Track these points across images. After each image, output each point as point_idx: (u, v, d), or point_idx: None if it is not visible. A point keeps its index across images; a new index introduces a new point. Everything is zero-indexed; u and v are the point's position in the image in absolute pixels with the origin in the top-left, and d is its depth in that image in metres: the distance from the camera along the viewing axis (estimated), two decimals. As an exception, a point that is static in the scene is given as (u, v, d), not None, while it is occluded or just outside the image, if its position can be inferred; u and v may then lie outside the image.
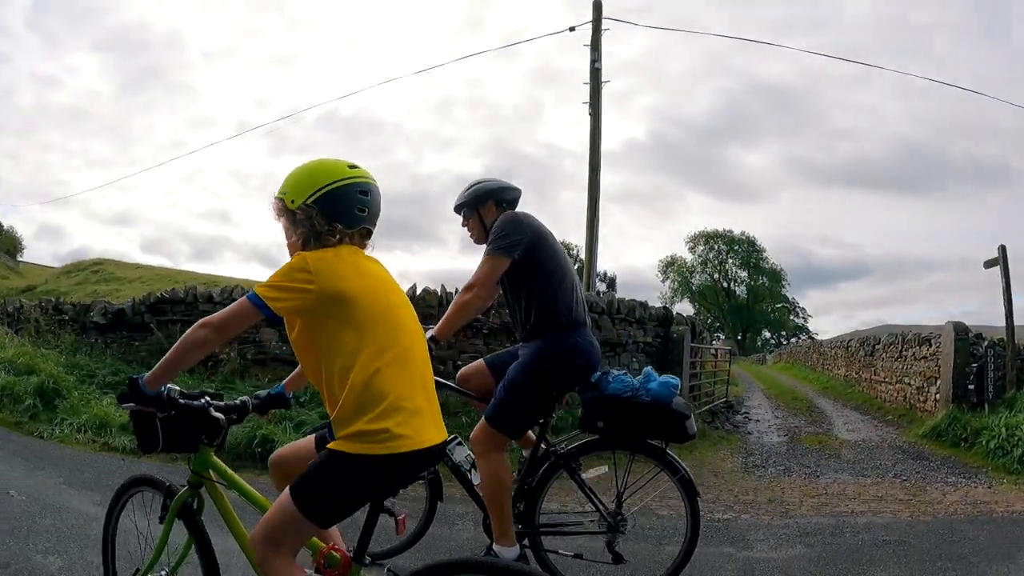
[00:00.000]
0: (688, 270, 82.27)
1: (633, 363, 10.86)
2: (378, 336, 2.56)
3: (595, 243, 17.15)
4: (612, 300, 10.92)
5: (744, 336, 79.44)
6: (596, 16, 17.47)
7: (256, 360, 11.03)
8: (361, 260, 2.73)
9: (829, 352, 26.23)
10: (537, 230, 4.43)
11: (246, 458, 7.98)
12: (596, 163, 17.46)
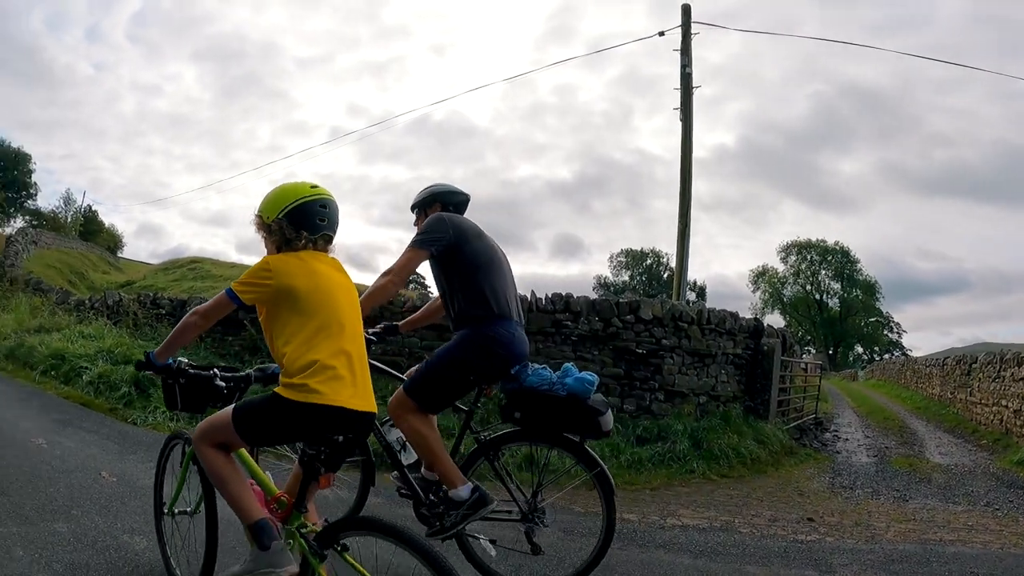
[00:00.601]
0: (780, 281, 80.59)
1: (721, 375, 10.80)
2: (315, 320, 3.25)
3: (686, 252, 16.89)
4: (702, 310, 10.74)
5: (836, 351, 77.52)
6: (685, 20, 17.29)
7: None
8: (315, 262, 3.41)
9: (923, 370, 25.28)
10: (462, 230, 4.67)
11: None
12: (687, 170, 17.25)
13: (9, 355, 13.24)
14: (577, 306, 10.10)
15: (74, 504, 5.51)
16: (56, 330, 14.40)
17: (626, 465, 8.39)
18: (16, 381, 11.38)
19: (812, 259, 78.79)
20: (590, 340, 10.02)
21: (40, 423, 8.40)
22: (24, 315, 16.34)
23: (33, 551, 4.48)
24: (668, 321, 10.10)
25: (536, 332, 10.00)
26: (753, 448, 9.67)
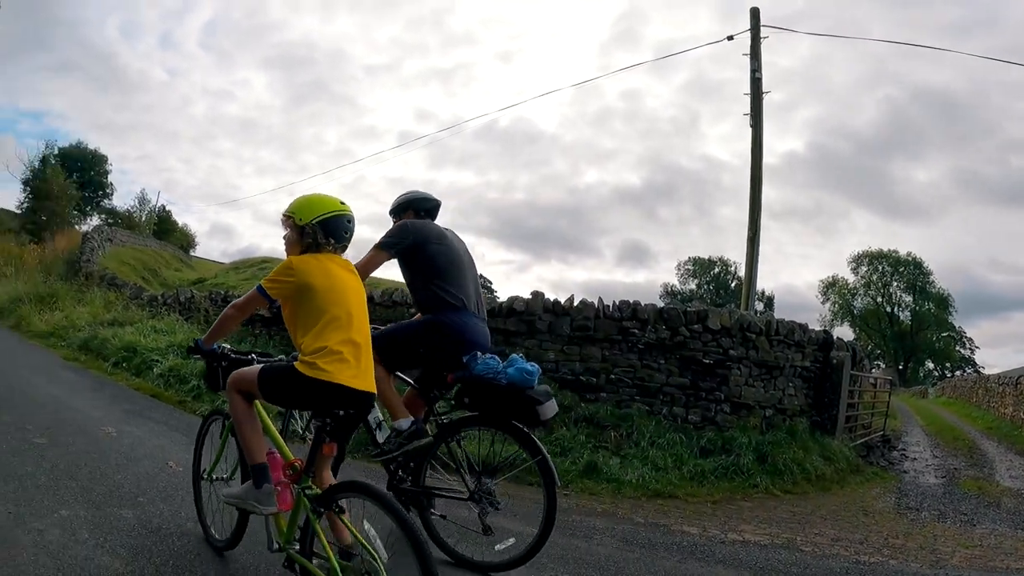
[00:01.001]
0: (850, 292, 79.08)
1: (789, 388, 10.63)
2: (328, 313, 3.80)
3: (755, 261, 16.60)
4: (770, 321, 10.59)
5: (906, 366, 75.43)
6: (754, 24, 16.94)
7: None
8: (331, 264, 3.98)
9: (996, 389, 24.48)
10: (424, 235, 5.32)
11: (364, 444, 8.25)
12: (757, 177, 16.95)
13: (83, 346, 13.57)
14: (644, 314, 10.03)
15: (140, 492, 5.70)
16: (129, 324, 14.81)
17: (688, 477, 8.30)
18: (89, 372, 11.68)
19: (883, 270, 76.92)
20: (656, 349, 9.94)
21: (111, 413, 8.65)
22: (98, 309, 16.77)
23: (98, 535, 4.66)
24: (736, 331, 9.99)
25: (603, 339, 10.02)
26: (818, 464, 9.49)
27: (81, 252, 28.20)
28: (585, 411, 9.43)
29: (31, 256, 25.38)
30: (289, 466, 3.97)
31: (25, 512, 4.86)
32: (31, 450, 6.42)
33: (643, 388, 9.80)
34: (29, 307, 17.03)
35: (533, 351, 10.24)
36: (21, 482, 5.47)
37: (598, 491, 7.68)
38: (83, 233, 36.86)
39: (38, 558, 4.15)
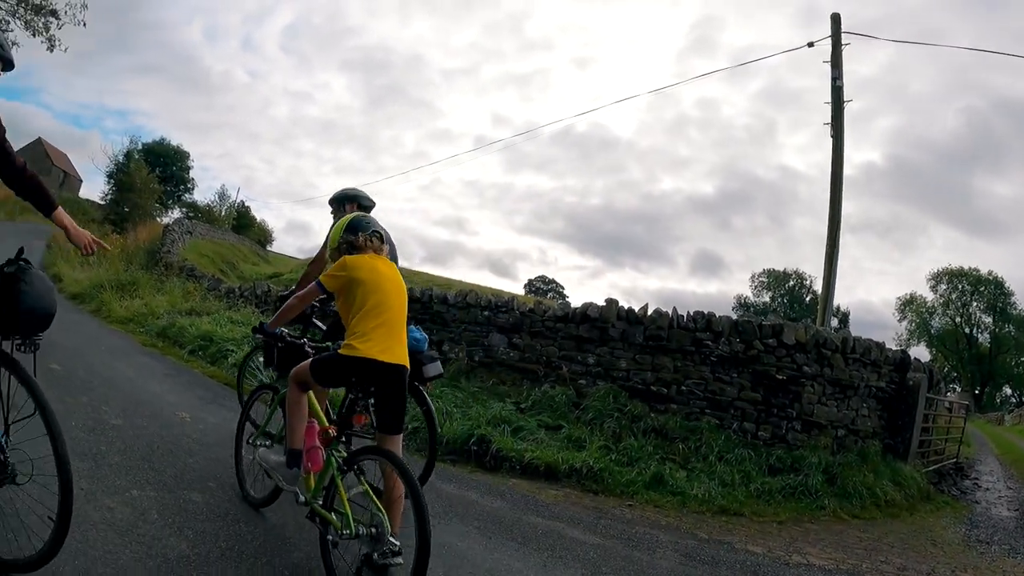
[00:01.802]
0: (927, 311, 76.88)
1: (862, 408, 10.36)
2: (369, 302, 4.45)
3: (833, 275, 16.19)
4: (846, 338, 10.27)
5: (982, 391, 72.31)
6: (835, 30, 16.53)
7: (483, 362, 11.33)
8: (377, 262, 4.67)
9: (1078, 419, 23.77)
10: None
11: (460, 454, 8.28)
12: (838, 189, 16.55)
13: (161, 334, 13.87)
14: (719, 326, 9.87)
15: (210, 477, 5.83)
16: (206, 314, 15.22)
17: (755, 494, 8.13)
18: (166, 358, 11.93)
19: (963, 289, 74.24)
20: (729, 362, 9.76)
21: (185, 398, 8.85)
22: (177, 298, 17.18)
23: (167, 516, 4.81)
24: (811, 347, 9.73)
25: (675, 350, 9.91)
26: (888, 489, 9.20)
27: (162, 243, 28.94)
28: (654, 422, 9.31)
29: (114, 245, 25.89)
30: (323, 432, 4.61)
31: (97, 490, 4.99)
32: (107, 430, 6.57)
33: (714, 401, 9.63)
34: (110, 294, 17.40)
35: (605, 358, 10.21)
36: (95, 461, 5.61)
37: (663, 504, 7.61)
38: (164, 225, 37.77)
39: (107, 535, 4.26)
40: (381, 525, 4.01)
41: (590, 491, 7.70)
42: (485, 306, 11.68)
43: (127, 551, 4.11)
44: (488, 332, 11.48)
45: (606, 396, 9.69)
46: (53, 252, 25.55)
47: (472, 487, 7.26)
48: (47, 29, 18.18)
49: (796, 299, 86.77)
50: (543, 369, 10.69)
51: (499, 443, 8.33)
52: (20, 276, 3.58)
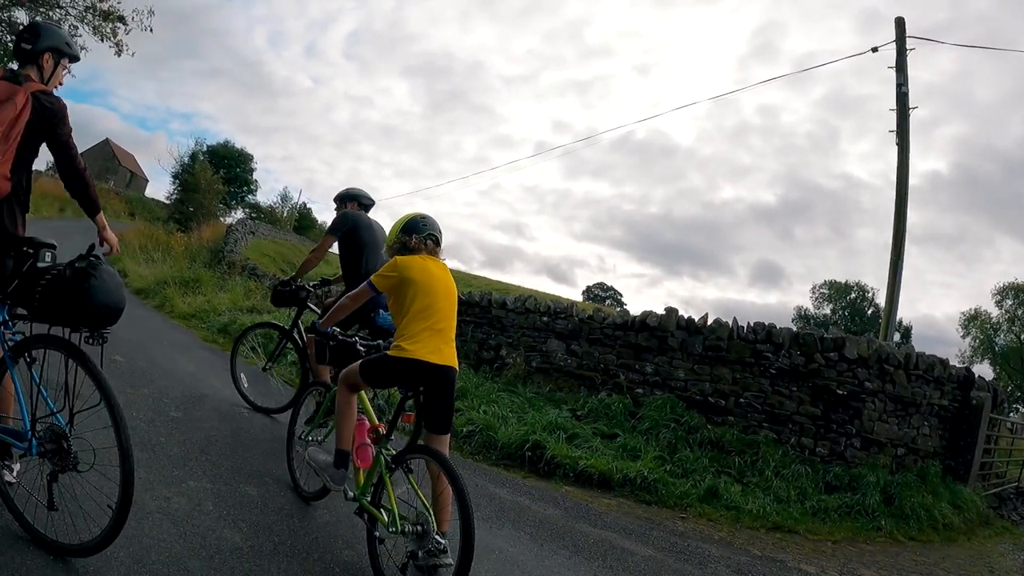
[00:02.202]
0: (992, 327, 74.99)
1: (923, 427, 10.12)
2: (419, 303, 4.57)
3: (897, 288, 15.82)
4: (909, 353, 10.04)
5: None
6: (899, 34, 16.09)
7: (540, 368, 11.32)
8: (429, 263, 4.77)
9: None
10: (355, 223, 7.60)
11: (515, 459, 8.26)
12: (903, 198, 16.11)
13: (222, 330, 14.11)
14: (779, 337, 9.73)
15: (266, 471, 5.92)
16: (267, 312, 15.23)
17: (811, 512, 7.99)
18: (226, 353, 11.98)
19: (1030, 305, 72.60)
20: (789, 375, 9.59)
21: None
22: (239, 296, 17.43)
23: (222, 508, 4.91)
24: (873, 363, 9.50)
25: (735, 361, 9.81)
26: (947, 512, 8.96)
27: (225, 242, 29.36)
28: (711, 434, 9.22)
29: (178, 243, 26.46)
30: (373, 430, 4.80)
31: (155, 480, 5.08)
32: (166, 422, 6.69)
33: (772, 415, 9.50)
34: (173, 290, 17.64)
35: (663, 368, 10.14)
36: (154, 451, 5.72)
37: (716, 517, 7.53)
38: (227, 225, 38.39)
39: (163, 524, 4.35)
40: (427, 523, 4.12)
41: (643, 501, 7.66)
42: (544, 312, 11.68)
43: (181, 541, 4.19)
44: (546, 338, 11.47)
45: (663, 406, 9.63)
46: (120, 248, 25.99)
47: (525, 493, 7.26)
48: (115, 35, 18.55)
49: (858, 312, 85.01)
50: (600, 377, 10.66)
51: (554, 450, 8.30)
52: (91, 271, 3.66)
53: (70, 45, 4.27)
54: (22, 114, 3.77)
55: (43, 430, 3.65)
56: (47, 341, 3.76)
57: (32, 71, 4.07)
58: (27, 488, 3.84)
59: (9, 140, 3.73)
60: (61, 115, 3.99)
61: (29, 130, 3.83)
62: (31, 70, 4.07)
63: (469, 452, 8.37)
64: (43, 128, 3.92)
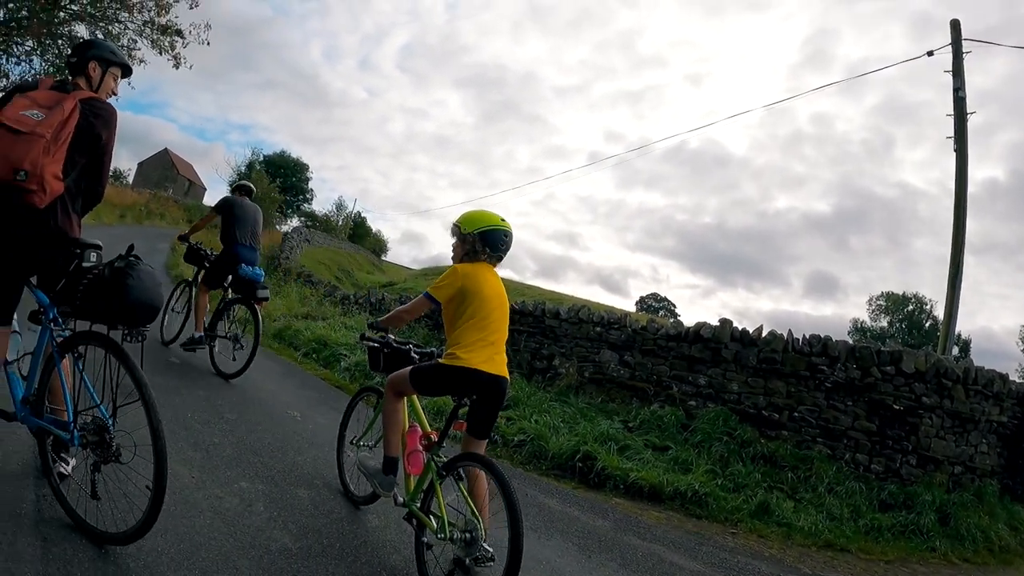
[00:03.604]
0: (1053, 341, 73.04)
1: (982, 444, 9.85)
2: (476, 313, 4.57)
3: (956, 300, 15.39)
4: (968, 368, 9.72)
5: None
6: (955, 37, 15.67)
7: (592, 379, 11.30)
8: (486, 272, 4.72)
9: None
10: (231, 203, 9.86)
11: (565, 469, 8.25)
12: (961, 207, 15.71)
13: (277, 335, 14.37)
14: (835, 350, 9.56)
15: (317, 475, 6.01)
16: (322, 319, 15.68)
17: (864, 531, 7.84)
18: (280, 358, 12.27)
19: (1093, 318, 70.82)
20: (844, 389, 9.40)
21: (297, 398, 9.13)
22: (294, 302, 17.71)
23: (273, 509, 4.99)
24: (931, 377, 9.25)
25: (789, 374, 9.70)
26: (1004, 534, 8.63)
27: (281, 250, 29.91)
28: (764, 448, 9.12)
29: None
30: (425, 437, 4.83)
31: (208, 479, 5.20)
32: (221, 424, 6.82)
33: (827, 430, 9.34)
34: (230, 296, 17.81)
35: (716, 380, 10.08)
36: (208, 452, 5.84)
37: (767, 534, 7.44)
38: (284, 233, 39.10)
39: (213, 523, 4.44)
40: (475, 530, 4.10)
41: (693, 515, 7.59)
42: (597, 322, 11.67)
43: (231, 540, 4.27)
44: (599, 348, 11.46)
45: (716, 419, 9.58)
46: (177, 254, 26.56)
47: (574, 503, 7.24)
48: (172, 48, 19.07)
49: (915, 324, 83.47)
50: (653, 388, 10.61)
51: (604, 461, 8.26)
52: (128, 271, 3.82)
53: (116, 53, 4.51)
54: (70, 118, 3.96)
55: (86, 422, 3.81)
56: (90, 337, 3.91)
57: (81, 81, 4.32)
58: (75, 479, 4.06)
59: (59, 142, 3.90)
60: (109, 120, 4.22)
61: (79, 133, 4.02)
62: (80, 80, 4.32)
63: (519, 461, 8.37)
64: (92, 131, 4.11)
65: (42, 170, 3.80)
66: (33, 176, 3.77)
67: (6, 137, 3.77)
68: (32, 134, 3.79)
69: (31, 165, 3.76)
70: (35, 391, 4.07)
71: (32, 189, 3.80)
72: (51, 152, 3.86)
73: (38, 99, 3.98)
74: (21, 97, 3.97)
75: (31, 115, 3.87)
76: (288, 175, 64.74)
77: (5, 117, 3.83)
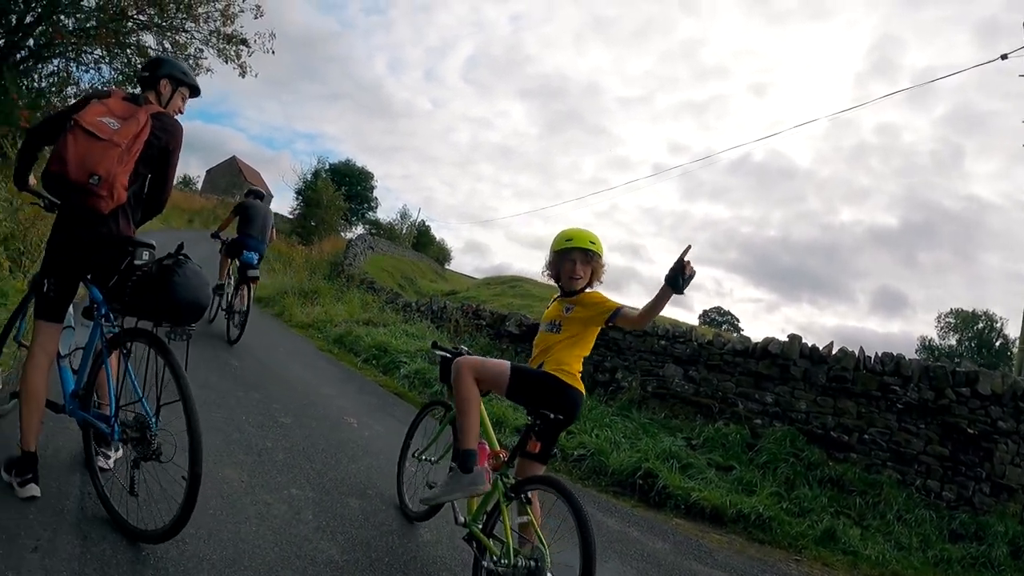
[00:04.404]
0: None
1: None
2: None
3: None
4: None
5: None
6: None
7: (656, 393, 11.08)
8: None
9: None
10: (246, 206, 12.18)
11: (625, 486, 8.05)
12: None
13: (337, 340, 14.45)
14: (908, 369, 9.15)
15: (370, 484, 5.90)
16: (383, 325, 15.73)
17: (932, 562, 7.45)
18: (340, 364, 12.29)
19: None
20: (916, 410, 8.99)
21: (355, 404, 9.07)
22: (356, 308, 17.73)
23: (322, 519, 4.88)
24: (1008, 400, 8.78)
25: (860, 394, 9.32)
26: None
27: (344, 256, 30.21)
28: (831, 471, 8.75)
29: (299, 256, 27.47)
30: (494, 455, 4.42)
31: (257, 484, 5.15)
32: (275, 428, 6.79)
33: (897, 453, 8.94)
34: (292, 299, 18.21)
35: (783, 398, 9.77)
36: (259, 456, 5.79)
37: (832, 562, 7.14)
38: (348, 240, 39.61)
39: (260, 530, 4.37)
40: (542, 559, 3.80)
41: (756, 540, 7.35)
42: (662, 335, 11.45)
43: (276, 548, 4.19)
44: (663, 362, 11.24)
45: (782, 439, 9.26)
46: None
47: (634, 523, 7.03)
48: (238, 56, 19.64)
49: (985, 343, 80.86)
50: (718, 405, 10.35)
51: (666, 479, 8.02)
52: (175, 268, 3.92)
53: (187, 74, 4.64)
54: (143, 131, 4.09)
55: (128, 419, 3.89)
56: (136, 334, 4.01)
57: (151, 95, 4.45)
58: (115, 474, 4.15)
59: (131, 153, 4.03)
60: (176, 136, 4.38)
61: (147, 147, 4.15)
62: (150, 95, 4.45)
63: (579, 477, 8.20)
64: (159, 145, 4.26)
65: (113, 178, 3.93)
66: (105, 182, 3.90)
67: (85, 141, 3.91)
68: (110, 142, 3.93)
69: (105, 171, 3.89)
70: (84, 385, 4.19)
71: (101, 194, 3.93)
72: (123, 161, 3.99)
73: (113, 108, 4.12)
74: (97, 104, 4.11)
75: (108, 123, 4.00)
76: (353, 183, 65.46)
77: (85, 121, 3.96)
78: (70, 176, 3.87)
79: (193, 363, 3.75)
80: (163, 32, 19.21)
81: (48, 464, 4.28)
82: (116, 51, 19.02)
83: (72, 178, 3.87)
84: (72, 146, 3.89)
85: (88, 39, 18.37)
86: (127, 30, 18.61)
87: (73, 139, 3.90)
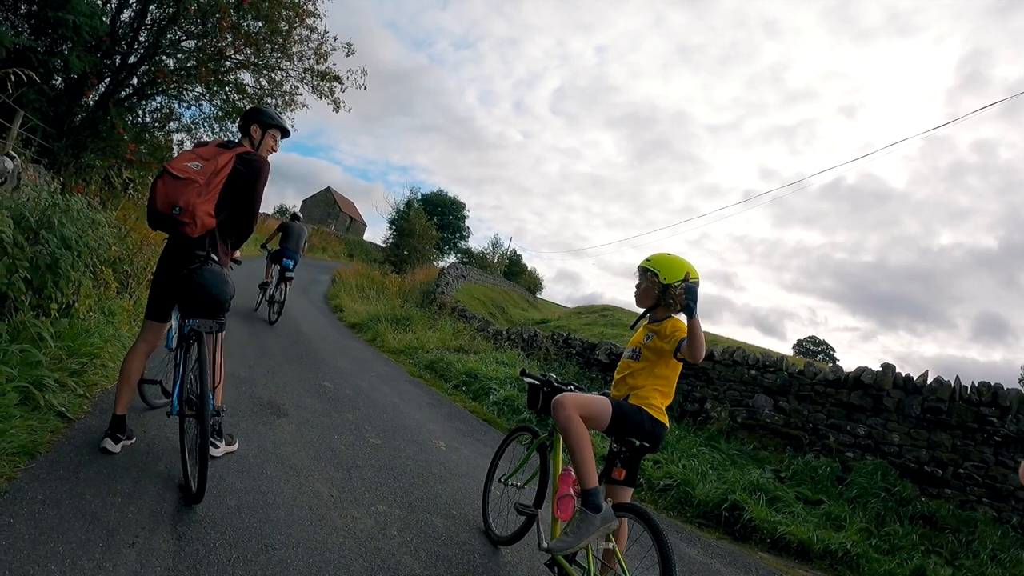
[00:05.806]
0: None
1: None
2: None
3: None
4: None
5: None
6: None
7: (745, 424, 10.97)
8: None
9: None
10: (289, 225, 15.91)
11: (710, 518, 7.97)
12: None
13: (428, 366, 14.60)
14: (1006, 400, 8.83)
15: (455, 505, 5.98)
16: (473, 352, 15.89)
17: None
18: (431, 389, 12.41)
19: None
20: (1015, 443, 8.66)
21: (443, 428, 9.14)
22: (447, 336, 17.95)
23: (407, 535, 5.00)
24: None
25: (955, 426, 9.05)
26: None
27: (437, 284, 30.59)
28: (924, 507, 8.51)
29: (392, 283, 28.08)
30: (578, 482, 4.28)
31: (346, 499, 5.31)
32: (365, 447, 6.95)
33: (993, 489, 8.61)
34: (385, 326, 18.54)
35: (876, 430, 9.57)
36: (349, 473, 5.96)
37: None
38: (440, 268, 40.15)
39: (346, 542, 4.52)
40: None
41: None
42: (752, 364, 11.35)
43: (361, 561, 4.32)
44: (753, 392, 11.13)
45: (873, 473, 9.06)
46: (337, 285, 27.76)
47: (717, 555, 6.93)
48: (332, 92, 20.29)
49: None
50: (808, 436, 10.19)
51: (753, 512, 7.90)
52: (197, 270, 4.76)
53: (273, 118, 5.45)
54: (223, 169, 4.90)
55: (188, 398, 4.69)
56: (191, 331, 4.81)
57: (246, 141, 5.33)
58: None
59: (211, 187, 4.83)
60: (259, 169, 5.16)
61: (230, 180, 4.98)
62: (245, 140, 5.34)
63: (664, 507, 8.14)
64: (243, 179, 5.06)
65: (194, 208, 4.72)
66: (186, 211, 4.69)
67: (170, 182, 4.71)
68: (188, 179, 4.72)
69: (184, 203, 4.68)
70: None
71: (185, 222, 4.72)
72: (203, 194, 4.77)
73: (202, 154, 4.93)
74: (190, 152, 4.99)
75: (192, 166, 4.79)
76: (445, 213, 66.60)
77: (172, 167, 4.78)
78: (157, 207, 4.70)
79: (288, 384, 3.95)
80: (259, 70, 20.16)
81: (149, 471, 4.69)
82: (215, 88, 20.05)
83: (159, 208, 4.69)
84: (161, 186, 4.70)
85: (188, 78, 19.48)
86: (225, 69, 19.56)
87: (162, 182, 4.71)
